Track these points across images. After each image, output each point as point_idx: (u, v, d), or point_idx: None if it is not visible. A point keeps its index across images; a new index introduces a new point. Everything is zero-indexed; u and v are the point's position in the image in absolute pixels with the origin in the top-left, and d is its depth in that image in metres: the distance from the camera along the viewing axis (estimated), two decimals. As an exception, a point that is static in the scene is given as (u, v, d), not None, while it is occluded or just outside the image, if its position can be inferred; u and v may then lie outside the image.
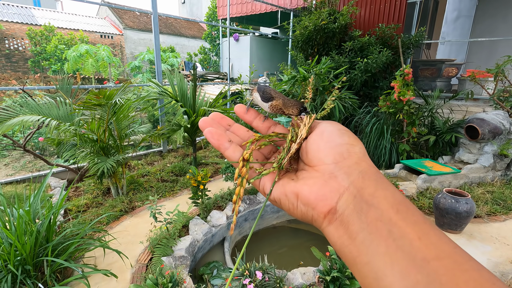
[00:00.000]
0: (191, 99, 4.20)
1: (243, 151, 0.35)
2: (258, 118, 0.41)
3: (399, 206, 0.25)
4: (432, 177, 3.77)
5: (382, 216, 0.24)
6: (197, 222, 2.94)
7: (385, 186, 0.27)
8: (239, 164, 0.33)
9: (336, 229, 0.26)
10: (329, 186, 0.28)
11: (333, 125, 0.33)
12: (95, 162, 2.99)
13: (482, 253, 2.63)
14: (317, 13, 5.50)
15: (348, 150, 0.30)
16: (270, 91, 0.44)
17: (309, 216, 0.29)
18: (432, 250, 0.21)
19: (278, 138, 0.38)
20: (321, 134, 0.32)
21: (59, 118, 2.98)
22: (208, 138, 0.35)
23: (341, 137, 0.31)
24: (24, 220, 2.01)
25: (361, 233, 0.24)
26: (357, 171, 0.28)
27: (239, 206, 0.24)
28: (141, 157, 4.96)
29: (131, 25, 18.42)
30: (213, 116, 0.39)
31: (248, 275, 1.89)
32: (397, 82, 4.30)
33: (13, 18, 14.54)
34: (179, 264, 2.38)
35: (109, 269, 2.25)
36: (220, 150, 0.36)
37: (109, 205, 3.29)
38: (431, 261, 0.21)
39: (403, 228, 0.23)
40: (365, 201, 0.25)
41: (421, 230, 0.23)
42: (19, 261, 1.93)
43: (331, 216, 0.27)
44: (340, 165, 0.29)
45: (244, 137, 0.39)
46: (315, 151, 0.31)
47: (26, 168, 4.93)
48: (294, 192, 0.30)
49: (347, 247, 0.25)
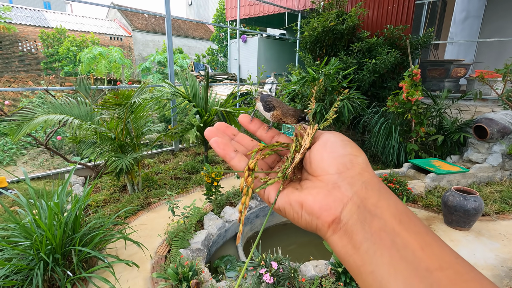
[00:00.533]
0: (203, 99, 4.32)
1: (248, 160, 0.35)
2: (262, 128, 0.42)
3: (402, 216, 0.25)
4: (440, 176, 3.82)
5: (385, 226, 0.25)
6: (211, 217, 3.05)
7: (388, 197, 0.27)
8: (244, 174, 0.33)
9: (340, 239, 0.27)
10: (333, 196, 0.28)
11: (336, 136, 0.33)
12: (113, 159, 3.13)
13: (490, 249, 2.69)
14: (325, 14, 5.58)
15: (351, 160, 0.30)
16: (272, 100, 0.45)
17: (314, 225, 0.29)
18: (435, 261, 0.22)
19: (282, 148, 0.38)
20: (324, 144, 0.33)
21: (80, 117, 3.13)
22: (214, 148, 0.36)
23: (344, 147, 0.31)
24: (54, 212, 2.14)
25: (365, 243, 0.25)
26: (360, 181, 0.28)
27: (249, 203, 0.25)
28: (154, 156, 5.11)
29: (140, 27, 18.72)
30: (218, 125, 0.40)
31: (264, 265, 1.99)
32: (406, 83, 4.36)
33: (26, 21, 14.93)
34: (196, 256, 2.50)
35: (130, 260, 2.37)
36: (226, 160, 0.37)
37: (126, 201, 3.43)
38: (434, 272, 0.21)
39: (406, 238, 0.24)
40: (368, 211, 0.26)
41: (424, 241, 0.23)
42: (49, 250, 2.06)
43: (335, 225, 0.27)
44: (343, 175, 0.29)
45: (248, 147, 0.40)
46: (318, 161, 0.32)
47: (43, 166, 5.12)
48: (298, 201, 0.31)
49: (351, 257, 0.25)
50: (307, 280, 2.16)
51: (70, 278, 2.08)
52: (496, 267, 2.44)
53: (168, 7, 4.58)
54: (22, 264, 1.98)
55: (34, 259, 2.04)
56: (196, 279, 2.05)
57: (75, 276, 2.09)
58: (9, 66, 14.41)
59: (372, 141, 4.94)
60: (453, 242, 2.80)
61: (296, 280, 2.04)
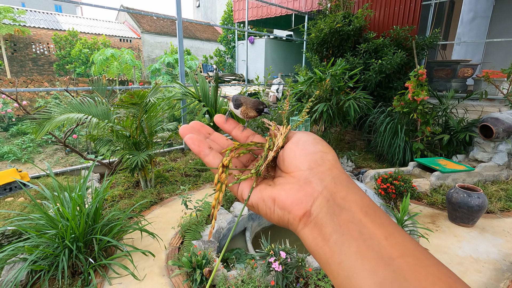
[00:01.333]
0: (213, 99, 4.47)
1: (223, 158, 0.36)
2: (237, 128, 0.43)
3: (367, 209, 0.27)
4: (445, 175, 3.88)
5: (353, 218, 0.26)
6: (221, 212, 3.18)
7: (356, 191, 0.28)
8: (219, 170, 0.34)
9: (310, 231, 0.27)
10: (304, 190, 0.29)
11: (308, 135, 0.34)
12: (129, 156, 3.29)
13: (494, 245, 2.75)
14: (332, 16, 5.68)
15: (322, 157, 0.31)
16: (240, 98, 0.46)
17: (285, 219, 0.30)
18: (397, 249, 0.23)
19: (256, 147, 0.39)
20: (296, 142, 0.34)
21: (98, 116, 3.30)
22: (188, 144, 0.36)
23: (315, 145, 0.33)
24: (77, 203, 2.30)
25: (334, 235, 0.26)
26: (330, 176, 0.29)
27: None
28: (165, 154, 5.28)
29: (149, 29, 19.06)
30: (193, 124, 0.40)
31: (273, 255, 2.11)
32: (411, 83, 4.43)
33: (40, 24, 15.38)
34: (207, 247, 2.63)
35: (146, 250, 2.51)
36: (200, 156, 0.37)
37: (139, 196, 3.59)
38: (396, 259, 0.23)
39: (371, 229, 0.25)
40: (337, 205, 0.27)
41: (388, 231, 0.25)
42: (73, 239, 2.22)
43: (306, 219, 0.28)
44: (314, 171, 0.30)
45: (223, 145, 0.40)
46: (291, 159, 0.33)
47: (59, 163, 5.33)
48: (271, 197, 0.31)
49: (321, 248, 0.26)
50: (314, 270, 2.27)
51: (92, 265, 2.24)
52: (498, 261, 2.51)
53: (179, 10, 4.75)
54: (49, 251, 2.14)
55: (59, 247, 2.19)
56: (209, 267, 2.18)
57: (96, 263, 2.24)
58: (23, 68, 14.86)
59: (378, 140, 5.01)
60: (457, 238, 2.88)
61: (303, 269, 2.15)
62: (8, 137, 6.36)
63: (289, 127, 0.37)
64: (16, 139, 6.07)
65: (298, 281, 2.16)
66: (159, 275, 2.32)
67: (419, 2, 5.72)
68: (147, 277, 2.29)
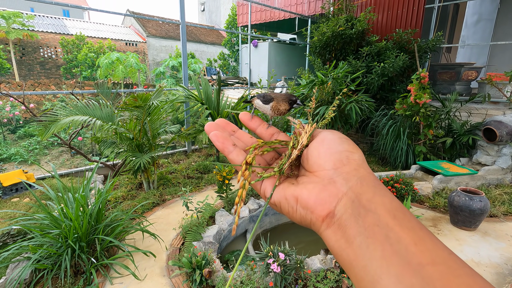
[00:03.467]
0: (216, 102, 4.52)
1: (246, 155, 0.36)
2: (261, 126, 0.42)
3: (396, 212, 0.25)
4: (448, 178, 3.86)
5: (379, 221, 0.25)
6: (223, 213, 3.21)
7: (383, 193, 0.27)
8: (242, 168, 0.34)
9: (334, 233, 0.27)
10: (328, 190, 0.28)
11: (333, 134, 0.34)
12: (132, 158, 3.34)
13: (496, 249, 2.73)
14: (335, 19, 5.71)
15: (348, 157, 0.30)
16: (270, 94, 0.46)
17: (308, 219, 0.29)
18: (427, 256, 0.22)
19: (280, 145, 0.39)
20: (321, 141, 0.33)
21: (102, 118, 3.37)
22: (213, 141, 0.37)
23: (341, 144, 0.32)
24: (81, 204, 2.35)
25: (359, 237, 0.25)
26: (356, 177, 0.28)
27: (256, 201, 0.21)
28: (168, 156, 5.33)
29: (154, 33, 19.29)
30: (218, 121, 0.40)
31: (272, 256, 2.12)
32: (414, 86, 4.42)
33: (48, 28, 15.68)
34: (208, 248, 2.65)
35: (148, 250, 2.55)
36: (224, 153, 0.37)
37: (142, 197, 3.63)
38: (426, 266, 0.21)
39: (399, 234, 0.23)
40: (363, 206, 0.26)
41: (417, 236, 0.23)
42: (76, 238, 2.26)
43: (329, 220, 0.27)
44: (339, 171, 0.29)
45: (247, 143, 0.40)
46: (315, 158, 0.32)
47: (65, 165, 5.42)
48: (294, 195, 0.31)
49: (344, 251, 0.26)
50: (312, 272, 2.28)
51: (94, 265, 2.28)
52: (500, 265, 2.48)
53: (183, 14, 4.82)
54: (52, 250, 2.18)
55: (62, 246, 2.24)
56: (208, 268, 2.20)
57: (98, 262, 2.28)
58: (31, 71, 15.14)
59: (380, 143, 5.00)
60: (459, 241, 2.86)
61: (302, 271, 2.17)
62: (16, 139, 6.48)
63: (314, 125, 0.37)
64: (23, 141, 6.19)
65: (297, 283, 2.17)
66: (159, 275, 2.35)
67: (422, 5, 5.72)
68: (148, 277, 2.32)
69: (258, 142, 0.38)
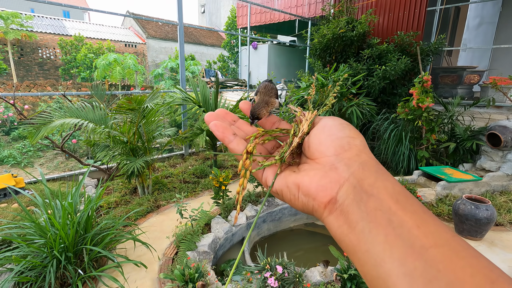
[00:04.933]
0: (213, 104, 4.41)
1: (247, 144, 0.36)
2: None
3: (399, 196, 0.25)
4: (452, 184, 3.75)
5: (381, 205, 0.25)
6: (219, 221, 3.09)
7: (385, 178, 0.27)
8: (242, 157, 0.34)
9: (336, 219, 0.27)
10: (330, 177, 0.28)
11: (334, 120, 0.33)
12: (125, 162, 3.22)
13: (503, 260, 2.61)
14: (335, 21, 5.62)
15: (349, 142, 0.30)
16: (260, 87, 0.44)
17: (310, 206, 0.29)
18: (430, 238, 0.22)
19: (281, 134, 0.39)
20: (322, 128, 0.33)
21: (95, 121, 3.25)
22: (213, 131, 0.36)
23: (342, 130, 0.31)
24: (68, 211, 2.23)
25: (361, 222, 0.25)
26: (358, 162, 0.28)
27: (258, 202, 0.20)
28: (164, 160, 5.21)
29: (154, 34, 19.23)
30: (218, 111, 0.40)
31: (269, 269, 2.00)
32: (416, 89, 4.32)
33: (47, 29, 15.59)
34: (202, 258, 2.53)
35: (139, 260, 2.42)
36: (224, 143, 0.37)
37: (136, 203, 3.51)
38: (429, 249, 0.21)
39: (402, 217, 0.23)
40: (364, 191, 0.26)
41: (420, 219, 0.23)
42: (62, 249, 2.14)
43: (332, 206, 0.27)
44: (340, 157, 0.29)
45: (248, 132, 0.40)
46: (316, 144, 0.32)
47: (59, 168, 5.30)
48: (295, 183, 0.31)
49: (347, 236, 0.26)
50: (312, 285, 2.16)
51: (81, 277, 2.15)
52: (509, 279, 2.36)
53: (181, 16, 4.73)
54: (36, 261, 2.06)
55: (48, 257, 2.12)
56: (202, 281, 2.08)
57: (85, 274, 2.16)
58: (29, 72, 15.04)
59: (381, 148, 4.89)
60: (464, 252, 2.74)
61: (301, 285, 2.05)
62: (10, 141, 6.36)
63: (315, 113, 0.36)
64: (17, 143, 6.06)
65: (295, 298, 2.05)
66: (150, 288, 2.23)
67: (424, 8, 5.64)
68: (138, 290, 2.20)
69: (258, 131, 0.38)
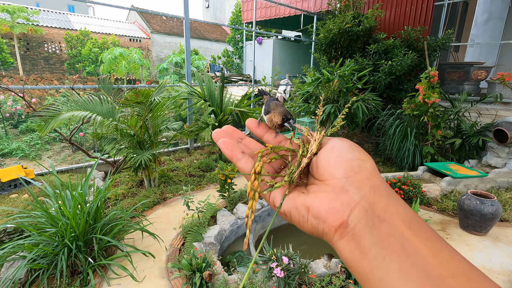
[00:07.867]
0: (219, 99, 4.42)
1: (255, 162, 0.35)
2: (269, 133, 0.42)
3: (412, 222, 0.25)
4: (457, 180, 3.75)
5: (394, 231, 0.24)
6: (224, 213, 3.13)
7: (397, 202, 0.26)
8: (251, 178, 0.34)
9: (347, 244, 0.26)
10: (340, 199, 0.28)
11: (343, 141, 0.33)
12: (132, 155, 3.26)
13: (508, 255, 2.62)
14: (341, 16, 5.58)
15: (359, 165, 0.30)
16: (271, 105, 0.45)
17: (320, 229, 0.29)
18: (447, 268, 0.21)
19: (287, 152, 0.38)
20: (331, 149, 0.32)
21: (102, 114, 3.29)
22: (222, 148, 0.36)
23: (352, 152, 0.31)
24: (78, 202, 2.27)
25: (374, 248, 0.24)
26: (369, 186, 0.28)
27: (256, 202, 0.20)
28: (169, 153, 5.26)
29: (158, 29, 19.21)
30: (225, 128, 0.40)
31: (275, 260, 2.04)
32: (422, 85, 4.30)
33: (52, 23, 15.64)
34: (208, 249, 2.58)
35: (146, 250, 2.48)
36: (232, 161, 0.37)
37: (143, 195, 3.56)
38: (446, 279, 0.21)
39: (416, 244, 0.23)
40: (377, 216, 0.25)
41: (435, 247, 0.23)
42: (73, 237, 2.19)
43: (342, 230, 0.27)
44: (351, 179, 0.29)
45: (255, 151, 0.39)
46: (325, 166, 0.31)
47: (66, 160, 5.37)
48: (304, 205, 0.30)
49: (359, 262, 0.25)
50: (317, 276, 2.19)
51: (91, 265, 2.21)
52: (513, 273, 2.38)
53: (187, 10, 4.73)
54: (48, 249, 2.11)
55: (59, 245, 2.17)
56: (209, 270, 2.13)
57: (95, 263, 2.21)
58: (35, 66, 15.14)
59: (387, 143, 4.89)
60: (469, 247, 2.75)
61: (306, 276, 2.08)
62: (18, 134, 6.45)
63: (322, 133, 0.36)
64: (25, 136, 6.15)
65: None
66: (158, 277, 2.28)
67: (431, 3, 5.57)
68: (146, 278, 2.25)
69: (267, 147, 0.37)
